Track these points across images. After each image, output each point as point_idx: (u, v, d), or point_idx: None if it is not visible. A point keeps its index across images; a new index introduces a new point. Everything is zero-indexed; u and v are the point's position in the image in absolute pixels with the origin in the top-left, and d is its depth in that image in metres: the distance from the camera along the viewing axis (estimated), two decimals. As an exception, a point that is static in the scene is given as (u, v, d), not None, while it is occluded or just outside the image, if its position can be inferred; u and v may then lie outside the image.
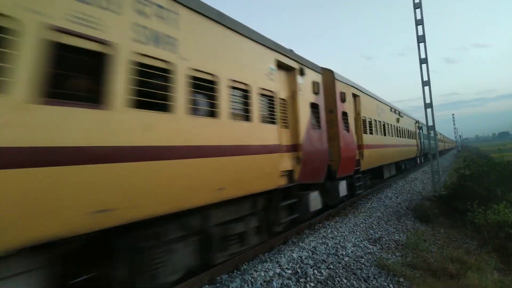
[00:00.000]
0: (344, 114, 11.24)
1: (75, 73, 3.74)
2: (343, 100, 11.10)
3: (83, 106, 3.55)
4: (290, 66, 7.97)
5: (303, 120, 8.16)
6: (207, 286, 5.24)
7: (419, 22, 13.93)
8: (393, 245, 7.75)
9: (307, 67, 8.80)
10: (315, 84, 9.09)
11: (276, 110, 7.13)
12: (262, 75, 6.82)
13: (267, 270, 5.62)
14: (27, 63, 3.13)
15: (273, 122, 6.98)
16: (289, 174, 7.57)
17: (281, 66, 7.63)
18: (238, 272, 5.80)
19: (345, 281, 5.61)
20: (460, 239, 8.78)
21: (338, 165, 10.12)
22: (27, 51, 3.13)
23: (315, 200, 8.49)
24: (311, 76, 9.02)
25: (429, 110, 14.13)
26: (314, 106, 8.92)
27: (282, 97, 7.63)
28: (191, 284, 5.11)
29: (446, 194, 12.32)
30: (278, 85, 7.37)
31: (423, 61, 13.93)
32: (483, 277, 6.01)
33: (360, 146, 12.65)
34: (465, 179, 12.35)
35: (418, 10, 13.90)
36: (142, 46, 4.25)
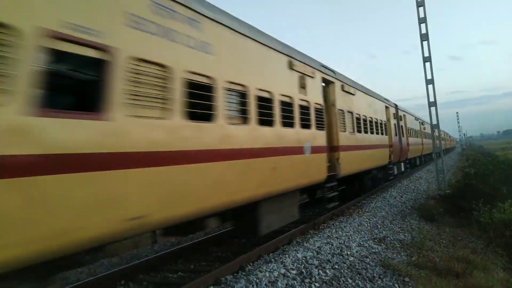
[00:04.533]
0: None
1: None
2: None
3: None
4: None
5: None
6: (212, 286, 5.24)
7: (422, 20, 13.87)
8: (398, 245, 7.72)
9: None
10: None
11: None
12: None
13: (272, 270, 5.61)
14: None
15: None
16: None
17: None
18: (243, 273, 5.80)
19: (350, 281, 5.59)
20: (466, 238, 8.73)
21: None
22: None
23: None
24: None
25: (433, 108, 14.07)
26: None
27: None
28: (196, 284, 5.12)
29: (451, 193, 12.27)
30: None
31: (427, 59, 13.86)
32: (489, 276, 5.98)
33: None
34: (470, 178, 12.29)
35: (421, 8, 13.84)
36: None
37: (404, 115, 21.38)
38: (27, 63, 3.09)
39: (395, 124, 18.71)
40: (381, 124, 15.53)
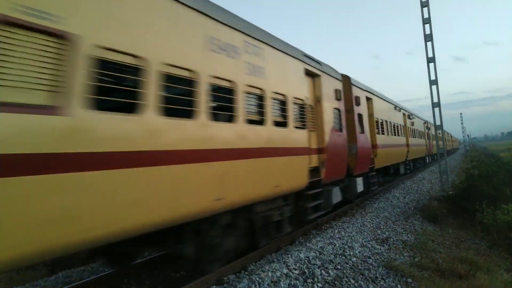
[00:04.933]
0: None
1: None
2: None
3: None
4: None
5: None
6: (214, 286, 5.24)
7: (426, 21, 13.83)
8: (401, 246, 7.70)
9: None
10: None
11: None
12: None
13: (274, 270, 5.61)
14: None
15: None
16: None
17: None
18: (246, 273, 5.80)
19: (352, 281, 5.59)
20: (469, 239, 8.70)
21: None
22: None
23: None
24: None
25: (436, 109, 14.03)
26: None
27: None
28: (198, 284, 5.13)
29: (454, 194, 12.22)
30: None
31: (431, 60, 13.83)
32: (492, 278, 5.95)
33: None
34: (474, 179, 12.24)
35: (425, 9, 13.81)
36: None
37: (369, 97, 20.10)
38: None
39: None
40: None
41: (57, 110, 3.21)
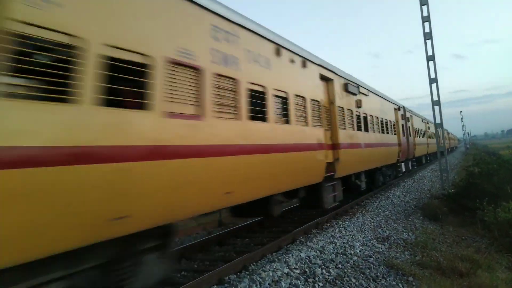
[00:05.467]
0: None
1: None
2: None
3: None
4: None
5: None
6: (215, 286, 5.25)
7: (425, 19, 13.83)
8: (402, 244, 7.70)
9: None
10: None
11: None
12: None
13: (275, 270, 5.61)
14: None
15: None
16: None
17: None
18: (246, 272, 5.80)
19: (353, 280, 5.58)
20: (470, 237, 8.69)
21: None
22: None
23: None
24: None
25: (436, 107, 14.02)
26: None
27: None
28: (199, 284, 5.13)
29: (455, 192, 12.22)
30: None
31: (430, 58, 13.83)
32: (493, 275, 5.95)
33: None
34: (474, 177, 12.24)
35: (424, 7, 13.80)
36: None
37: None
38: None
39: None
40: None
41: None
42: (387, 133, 15.82)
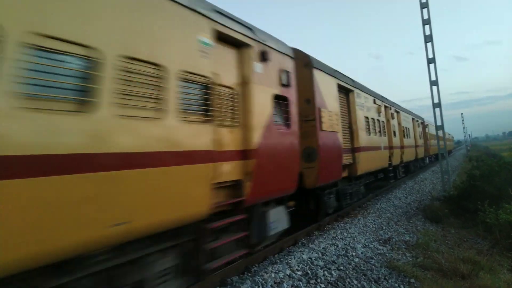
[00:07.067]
0: None
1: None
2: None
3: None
4: None
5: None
6: (218, 287, 5.27)
7: (426, 22, 13.87)
8: (403, 246, 7.71)
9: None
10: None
11: None
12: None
13: (277, 271, 5.64)
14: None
15: None
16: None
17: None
18: (249, 274, 5.83)
19: (355, 282, 5.60)
20: (471, 239, 8.70)
21: None
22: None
23: None
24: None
25: (437, 109, 14.04)
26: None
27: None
28: (202, 286, 5.15)
29: (456, 194, 12.22)
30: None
31: (431, 60, 13.86)
32: (495, 277, 5.95)
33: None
34: (475, 179, 12.25)
35: (425, 10, 13.85)
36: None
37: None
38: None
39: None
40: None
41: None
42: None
